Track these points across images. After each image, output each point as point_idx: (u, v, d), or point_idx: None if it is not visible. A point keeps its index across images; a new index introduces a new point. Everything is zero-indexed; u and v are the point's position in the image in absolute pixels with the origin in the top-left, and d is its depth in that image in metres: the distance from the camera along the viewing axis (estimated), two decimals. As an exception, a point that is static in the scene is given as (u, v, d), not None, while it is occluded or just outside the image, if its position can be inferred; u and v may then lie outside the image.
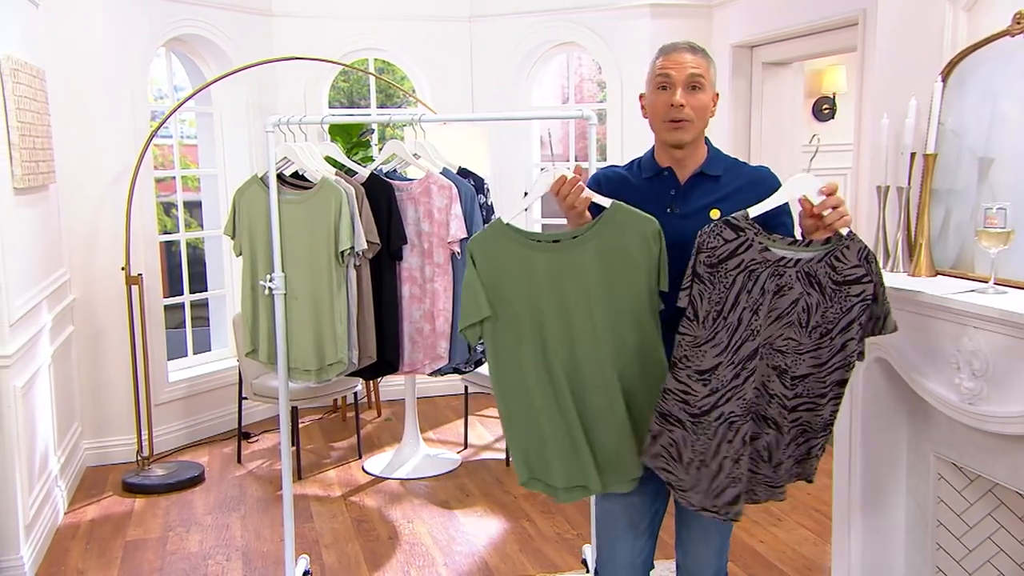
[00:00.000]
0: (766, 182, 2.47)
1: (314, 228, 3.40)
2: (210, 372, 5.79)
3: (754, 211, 2.29)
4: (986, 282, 2.66)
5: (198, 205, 6.53)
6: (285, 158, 3.52)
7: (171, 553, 4.18)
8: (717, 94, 2.49)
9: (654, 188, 2.51)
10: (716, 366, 2.30)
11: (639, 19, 5.93)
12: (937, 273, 2.99)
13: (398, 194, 3.47)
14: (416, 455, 5.20)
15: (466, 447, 5.54)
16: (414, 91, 6.47)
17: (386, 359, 3.54)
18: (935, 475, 3.10)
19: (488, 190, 3.47)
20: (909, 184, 3.12)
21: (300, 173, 3.58)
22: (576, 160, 6.79)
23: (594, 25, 6.08)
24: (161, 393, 5.35)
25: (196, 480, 5.01)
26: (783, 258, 2.27)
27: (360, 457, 5.39)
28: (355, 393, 5.46)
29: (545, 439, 2.47)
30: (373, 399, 6.26)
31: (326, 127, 5.60)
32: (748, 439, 2.35)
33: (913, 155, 3.11)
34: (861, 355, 2.33)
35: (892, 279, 2.93)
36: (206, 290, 6.08)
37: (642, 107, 2.56)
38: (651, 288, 2.36)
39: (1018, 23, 2.78)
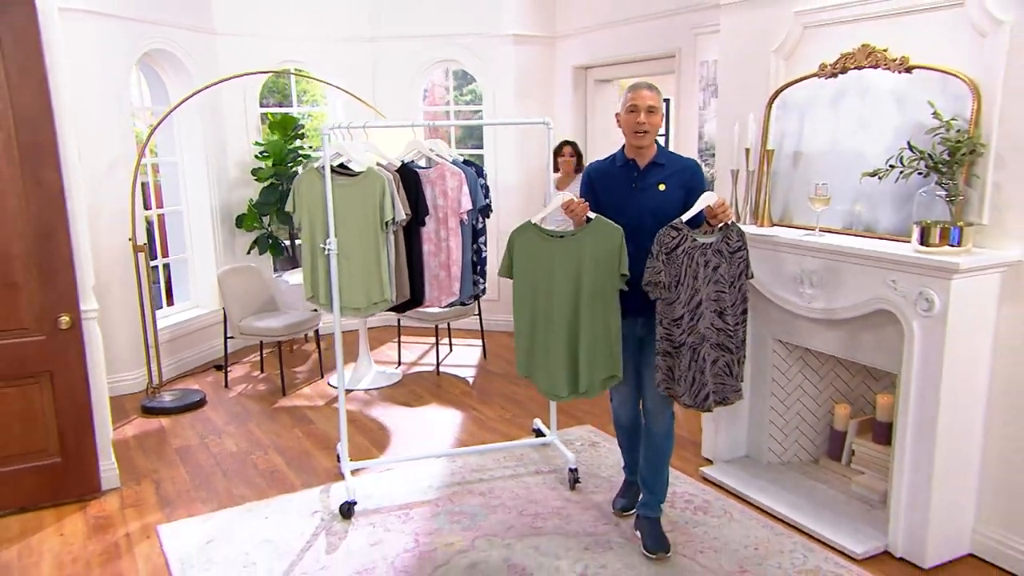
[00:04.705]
0: (690, 169, 3.43)
1: (364, 204, 4.02)
2: (185, 319, 6.22)
3: (684, 217, 3.21)
4: (813, 230, 3.88)
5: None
6: (336, 152, 4.20)
7: (217, 453, 4.61)
8: (663, 114, 3.51)
9: (624, 172, 3.47)
10: (682, 315, 3.26)
11: (505, 45, 6.73)
12: (774, 224, 4.20)
13: (421, 178, 4.26)
14: (370, 372, 5.84)
15: (399, 364, 6.25)
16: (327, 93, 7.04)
17: (415, 297, 4.30)
18: (771, 349, 4.30)
19: (486, 174, 4.30)
20: (752, 168, 4.30)
21: (346, 164, 4.28)
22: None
23: (472, 47, 6.77)
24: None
25: (201, 403, 5.41)
26: (703, 243, 3.25)
27: (322, 376, 5.96)
28: (316, 330, 6.08)
29: (536, 353, 3.44)
30: (310, 333, 6.78)
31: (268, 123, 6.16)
32: (712, 361, 3.27)
33: (748, 150, 4.27)
34: (745, 297, 3.39)
35: (749, 229, 4.10)
36: (167, 255, 6.50)
37: (618, 122, 3.48)
38: (613, 269, 3.29)
39: (822, 69, 3.91)
